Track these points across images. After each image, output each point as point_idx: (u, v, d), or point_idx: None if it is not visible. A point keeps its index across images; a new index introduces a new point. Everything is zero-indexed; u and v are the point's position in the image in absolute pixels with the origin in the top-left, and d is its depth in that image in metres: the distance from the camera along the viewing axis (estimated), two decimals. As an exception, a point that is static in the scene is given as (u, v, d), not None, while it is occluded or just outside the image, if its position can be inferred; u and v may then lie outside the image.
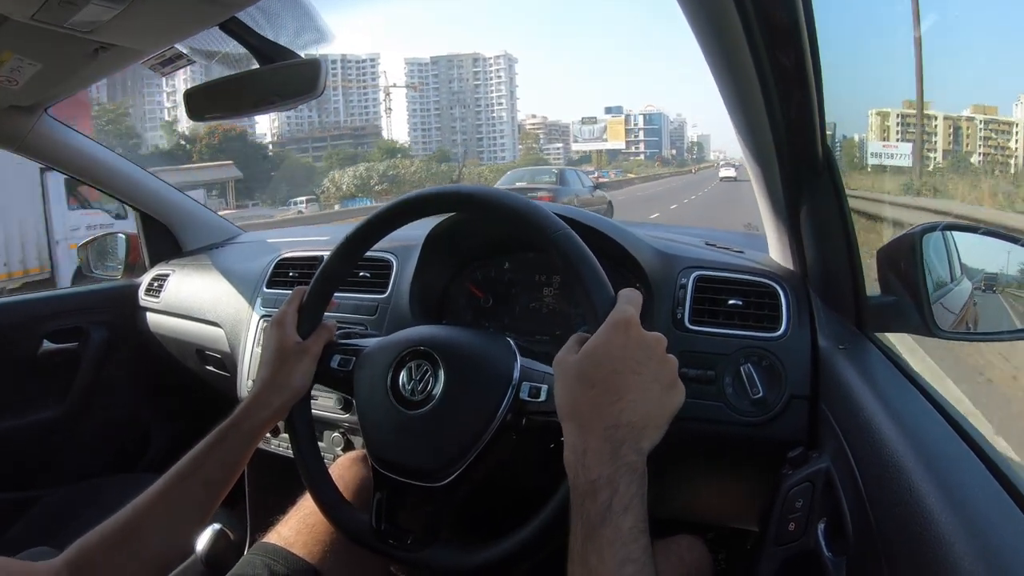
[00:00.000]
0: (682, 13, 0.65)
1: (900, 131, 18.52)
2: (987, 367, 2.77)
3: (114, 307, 1.74)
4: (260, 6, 0.82)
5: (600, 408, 0.55)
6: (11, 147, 1.41)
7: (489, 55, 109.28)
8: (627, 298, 0.60)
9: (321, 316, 0.82)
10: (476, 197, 0.74)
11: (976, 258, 0.86)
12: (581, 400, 0.56)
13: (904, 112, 18.83)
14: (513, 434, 0.69)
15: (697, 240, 1.15)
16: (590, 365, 0.57)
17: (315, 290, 0.82)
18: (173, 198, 1.79)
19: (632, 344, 0.57)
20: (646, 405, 0.56)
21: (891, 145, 18.95)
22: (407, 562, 0.70)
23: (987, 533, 0.44)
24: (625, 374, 0.56)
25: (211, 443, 0.73)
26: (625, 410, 0.55)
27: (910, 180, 13.77)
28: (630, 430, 0.54)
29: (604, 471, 0.52)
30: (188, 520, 0.72)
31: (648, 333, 0.59)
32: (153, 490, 0.69)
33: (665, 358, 0.59)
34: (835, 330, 0.85)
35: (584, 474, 0.53)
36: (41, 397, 1.63)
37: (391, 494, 0.72)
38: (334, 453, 1.14)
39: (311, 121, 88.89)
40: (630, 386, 0.56)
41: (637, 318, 0.59)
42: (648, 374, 0.57)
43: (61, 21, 0.80)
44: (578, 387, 0.57)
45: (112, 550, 0.66)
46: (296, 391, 0.78)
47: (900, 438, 0.58)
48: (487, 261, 1.17)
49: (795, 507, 0.72)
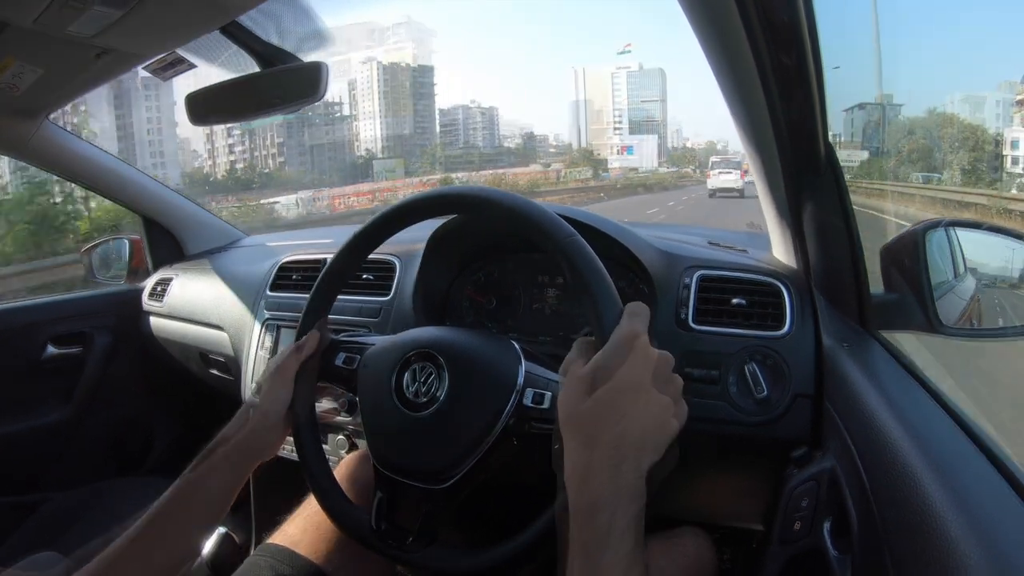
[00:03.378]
0: (683, 13, 0.65)
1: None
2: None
3: (118, 311, 1.75)
4: (261, 10, 0.82)
5: (603, 426, 0.54)
6: (13, 153, 1.42)
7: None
8: (635, 312, 0.59)
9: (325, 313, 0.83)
10: (486, 200, 0.73)
11: (980, 255, 0.86)
12: (584, 415, 0.55)
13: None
14: (514, 439, 0.69)
15: (700, 239, 1.15)
16: (595, 380, 0.56)
17: (321, 287, 0.82)
18: (176, 202, 1.79)
19: (639, 362, 0.56)
20: (648, 425, 0.55)
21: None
22: (404, 562, 0.70)
23: (993, 531, 0.44)
24: (629, 392, 0.55)
25: (198, 476, 0.73)
26: (628, 429, 0.54)
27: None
28: (631, 449, 0.53)
29: (605, 491, 0.52)
30: (189, 537, 0.72)
31: (656, 351, 0.58)
32: (151, 514, 0.69)
33: (670, 377, 0.58)
34: (839, 328, 0.85)
35: (586, 493, 0.53)
36: (45, 401, 1.64)
37: (391, 494, 0.72)
38: (338, 456, 1.15)
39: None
40: (634, 404, 0.55)
41: (645, 335, 0.58)
42: (652, 393, 0.56)
43: (62, 27, 0.81)
44: (581, 403, 0.56)
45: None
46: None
47: (905, 436, 0.58)
48: (490, 262, 1.17)
49: (800, 506, 0.71)
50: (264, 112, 0.95)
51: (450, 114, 78.23)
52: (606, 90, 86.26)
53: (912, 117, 30.28)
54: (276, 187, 40.88)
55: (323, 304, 0.83)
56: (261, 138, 51.06)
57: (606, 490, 0.52)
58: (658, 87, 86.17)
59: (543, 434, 0.66)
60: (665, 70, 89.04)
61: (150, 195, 1.71)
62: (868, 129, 18.61)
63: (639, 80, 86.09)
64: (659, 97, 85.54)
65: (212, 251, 1.79)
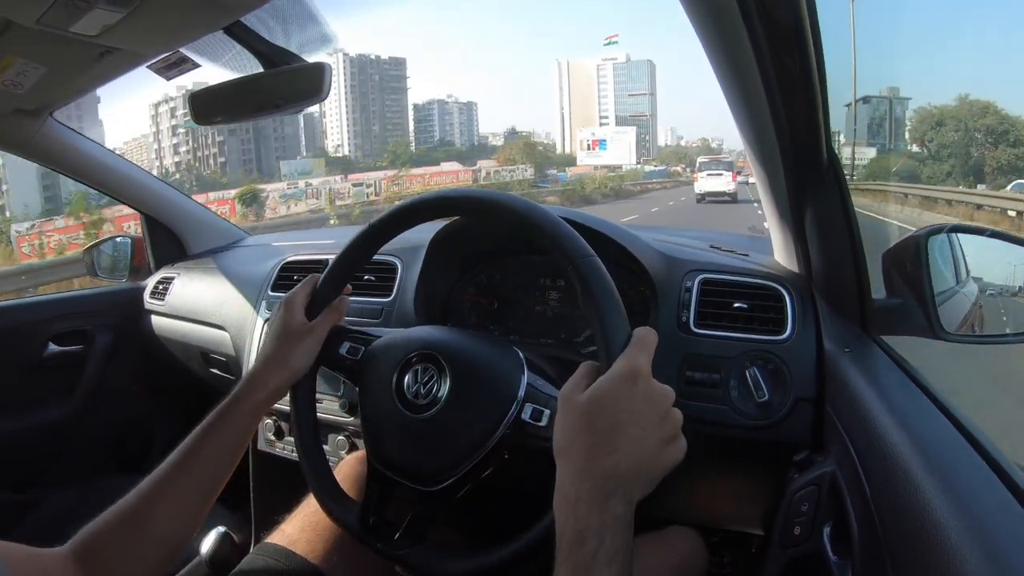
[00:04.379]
0: (686, 15, 0.65)
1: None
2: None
3: (119, 310, 1.75)
4: (265, 9, 0.83)
5: (596, 457, 0.54)
6: (17, 151, 1.42)
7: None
8: (641, 341, 0.59)
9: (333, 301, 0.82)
10: (502, 205, 0.72)
11: (982, 260, 0.86)
12: (579, 444, 0.56)
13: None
14: (506, 453, 0.69)
15: (701, 243, 1.15)
16: (593, 410, 0.56)
17: (330, 275, 0.81)
18: (178, 201, 1.80)
19: (639, 396, 0.56)
20: (642, 459, 0.55)
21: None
22: (389, 557, 0.71)
23: (993, 537, 0.44)
24: (627, 426, 0.55)
25: (210, 424, 0.73)
26: (621, 462, 0.54)
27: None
28: (621, 482, 0.54)
29: (592, 521, 0.52)
30: (192, 503, 0.72)
31: (657, 385, 0.58)
32: (157, 474, 0.69)
33: (670, 412, 0.58)
34: (840, 333, 0.85)
35: (573, 522, 0.53)
36: (46, 399, 1.64)
37: (384, 490, 0.72)
38: (338, 456, 1.15)
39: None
40: (630, 439, 0.55)
41: (648, 368, 0.58)
42: (650, 428, 0.56)
43: (66, 25, 0.81)
44: (578, 429, 0.56)
45: (119, 535, 0.66)
46: (295, 371, 0.77)
47: (906, 441, 0.58)
48: (491, 264, 1.17)
49: (800, 510, 0.71)
50: (267, 112, 0.96)
51: (424, 109, 74.47)
52: (591, 84, 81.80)
53: (941, 106, 26.97)
54: (212, 189, 38.59)
55: (335, 286, 0.82)
56: (203, 137, 49.72)
57: (595, 520, 0.52)
58: (646, 80, 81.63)
59: (538, 449, 0.66)
60: (655, 61, 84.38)
61: (153, 194, 1.72)
62: (874, 125, 17.86)
63: (627, 73, 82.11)
64: (648, 91, 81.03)
65: (214, 250, 1.79)
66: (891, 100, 23.37)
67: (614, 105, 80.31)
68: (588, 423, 0.56)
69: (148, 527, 0.67)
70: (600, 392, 0.57)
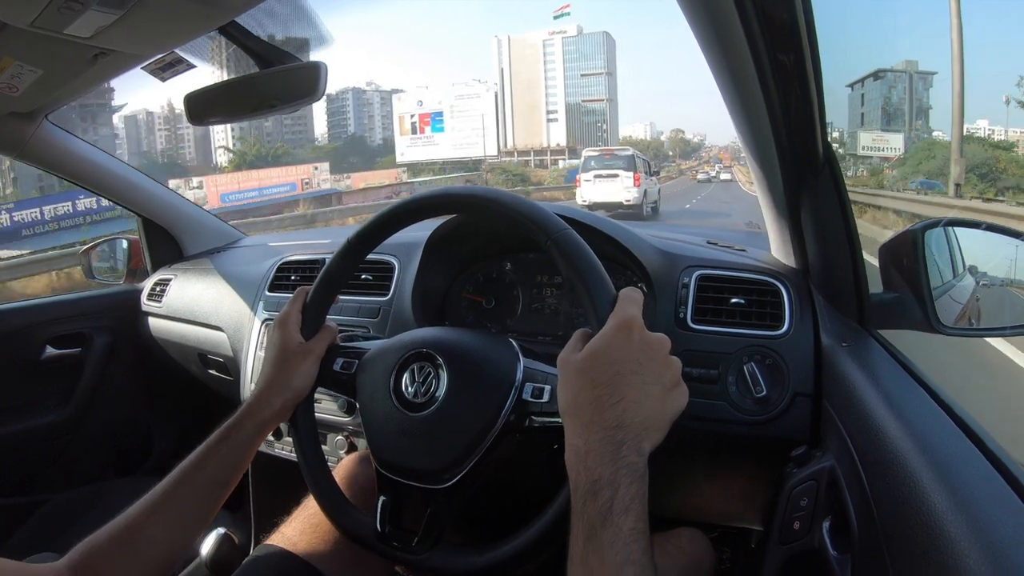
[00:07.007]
0: (682, 12, 0.65)
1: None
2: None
3: (116, 312, 1.75)
4: (260, 9, 0.82)
5: (602, 408, 0.55)
6: (12, 154, 1.41)
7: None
8: (628, 298, 0.60)
9: (324, 318, 0.82)
10: (477, 199, 0.73)
11: (978, 254, 0.86)
12: (583, 399, 0.56)
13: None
14: (516, 435, 0.69)
15: (699, 239, 1.15)
16: (593, 365, 0.57)
17: (318, 291, 0.82)
18: (175, 203, 1.80)
19: (635, 345, 0.57)
20: (648, 406, 0.56)
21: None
22: (411, 564, 0.70)
23: (992, 531, 0.44)
24: (627, 375, 0.56)
25: (214, 443, 0.73)
26: (627, 411, 0.55)
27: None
28: (631, 431, 0.54)
29: (605, 471, 0.52)
30: (192, 520, 0.72)
31: (652, 334, 0.59)
32: (157, 491, 0.69)
33: (668, 359, 0.59)
34: (838, 327, 0.85)
35: (585, 474, 0.53)
36: (44, 402, 1.64)
37: (395, 496, 0.72)
38: (338, 456, 1.14)
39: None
40: (632, 387, 0.56)
41: (640, 319, 0.59)
42: (651, 375, 0.57)
43: (60, 27, 0.80)
44: (580, 386, 0.57)
45: (116, 551, 0.65)
46: (298, 392, 0.78)
47: (904, 435, 0.58)
48: (488, 262, 1.17)
49: (799, 505, 0.71)
50: (262, 112, 0.95)
51: (338, 100, 63.18)
52: (537, 63, 64.51)
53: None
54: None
55: (324, 303, 0.83)
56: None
57: (607, 470, 0.52)
58: (602, 56, 64.50)
59: (545, 428, 0.67)
60: (612, 34, 65.57)
61: (149, 195, 1.71)
62: (889, 105, 14.22)
63: (578, 48, 65.07)
64: (604, 69, 64.38)
65: (211, 251, 1.79)
66: (910, 75, 18.59)
67: (564, 88, 63.96)
68: (590, 378, 0.57)
69: (148, 541, 0.67)
70: (597, 347, 0.58)
